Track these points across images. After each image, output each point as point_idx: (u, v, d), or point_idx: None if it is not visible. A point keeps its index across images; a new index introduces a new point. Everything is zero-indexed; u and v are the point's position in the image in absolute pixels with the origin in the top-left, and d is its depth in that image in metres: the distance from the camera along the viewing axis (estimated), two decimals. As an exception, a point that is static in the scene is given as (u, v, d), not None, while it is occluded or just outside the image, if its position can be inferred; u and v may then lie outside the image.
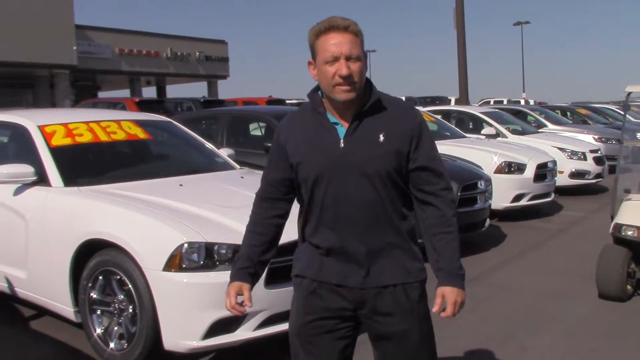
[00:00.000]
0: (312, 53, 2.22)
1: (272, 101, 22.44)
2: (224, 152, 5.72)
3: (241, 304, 2.36)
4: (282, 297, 3.81)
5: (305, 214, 2.32)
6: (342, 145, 2.20)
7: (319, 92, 2.28)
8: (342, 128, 2.22)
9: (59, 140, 4.76)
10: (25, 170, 4.48)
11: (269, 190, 2.39)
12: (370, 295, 2.25)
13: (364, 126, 2.21)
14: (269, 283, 3.75)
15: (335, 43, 2.14)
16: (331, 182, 2.21)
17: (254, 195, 2.43)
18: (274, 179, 2.37)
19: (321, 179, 2.22)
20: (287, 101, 23.25)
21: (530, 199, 9.01)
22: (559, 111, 18.68)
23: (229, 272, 3.67)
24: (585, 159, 11.20)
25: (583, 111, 19.73)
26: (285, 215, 2.43)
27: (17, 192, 4.56)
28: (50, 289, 4.33)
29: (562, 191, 10.81)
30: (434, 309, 2.23)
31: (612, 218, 5.50)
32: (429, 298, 2.36)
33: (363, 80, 2.19)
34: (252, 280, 2.38)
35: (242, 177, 5.03)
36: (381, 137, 2.19)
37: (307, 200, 2.28)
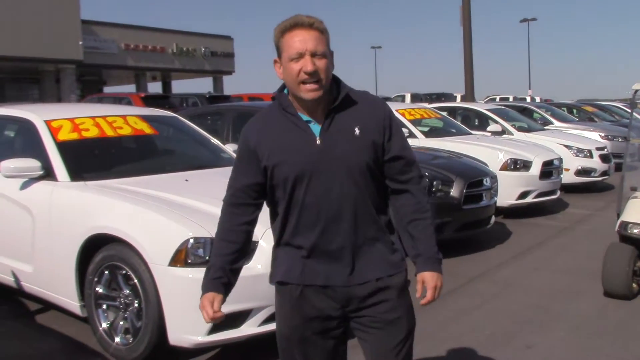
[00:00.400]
0: (277, 51, 2.21)
1: (277, 97, 22.39)
2: (230, 148, 5.72)
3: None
4: (287, 292, 3.82)
5: (283, 216, 2.26)
6: (318, 142, 2.18)
7: (286, 91, 2.25)
8: (316, 125, 2.20)
9: (66, 135, 4.77)
10: (32, 164, 4.49)
11: (239, 196, 2.30)
12: (356, 291, 2.24)
13: (338, 121, 2.20)
14: (274, 279, 3.75)
15: (300, 40, 2.12)
16: (312, 181, 2.18)
17: None
18: (244, 184, 2.29)
19: (302, 179, 2.18)
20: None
21: (536, 197, 8.99)
22: (565, 108, 18.60)
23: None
24: (591, 156, 11.16)
25: (589, 109, 19.65)
26: (254, 222, 2.35)
27: (24, 186, 4.58)
28: (56, 283, 4.35)
29: (568, 189, 10.78)
30: (417, 294, 2.25)
31: (619, 216, 5.48)
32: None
33: (329, 78, 2.18)
34: (225, 290, 2.30)
35: (247, 173, 5.04)
36: (357, 131, 2.20)
37: (286, 201, 2.23)
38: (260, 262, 3.75)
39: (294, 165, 2.18)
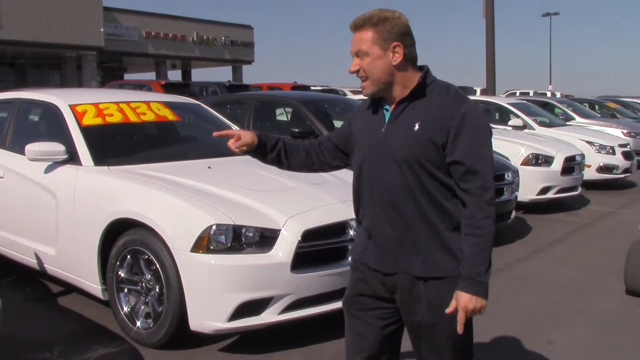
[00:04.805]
0: None
1: (296, 87, 22.37)
2: (251, 136, 5.71)
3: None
4: (308, 282, 3.83)
5: (355, 194, 2.40)
6: (383, 130, 2.27)
7: None
8: (389, 114, 2.30)
9: (90, 119, 4.79)
10: (57, 148, 4.52)
11: (323, 140, 2.56)
12: (400, 283, 2.27)
13: (406, 113, 2.24)
14: (295, 267, 3.76)
15: (351, 41, 2.26)
16: (371, 165, 2.29)
17: (283, 179, 2.43)
18: (330, 137, 2.55)
19: (364, 161, 2.31)
20: (312, 87, 23.18)
21: (557, 192, 8.90)
22: (587, 104, 18.41)
23: (256, 255, 3.74)
24: (613, 153, 11.04)
25: (612, 105, 19.42)
26: (312, 165, 2.57)
27: (48, 170, 4.61)
28: (79, 266, 4.38)
29: (589, 185, 10.67)
30: (447, 310, 2.18)
31: (643, 213, 5.41)
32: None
33: (378, 74, 2.23)
34: (259, 143, 2.46)
35: (269, 162, 5.04)
36: (416, 126, 2.19)
37: (355, 179, 2.37)
38: (281, 251, 3.75)
39: (362, 147, 2.33)
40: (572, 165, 9.11)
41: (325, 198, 4.19)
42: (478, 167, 2.17)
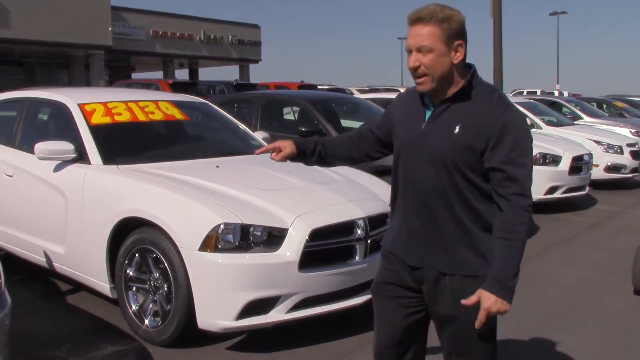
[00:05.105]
0: None
1: (304, 86, 22.38)
2: (259, 136, 5.73)
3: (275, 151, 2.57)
4: (315, 281, 3.84)
5: (393, 185, 2.44)
6: (422, 127, 2.27)
7: None
8: (430, 111, 2.30)
9: (99, 118, 4.81)
10: (66, 147, 4.54)
11: (363, 131, 2.58)
12: (426, 275, 2.32)
13: (447, 114, 2.24)
14: (302, 266, 3.77)
15: (411, 36, 2.22)
16: (407, 160, 2.32)
17: (291, 178, 2.46)
18: (371, 129, 2.56)
19: (401, 155, 2.35)
20: (319, 86, 23.18)
21: (565, 192, 8.88)
22: (594, 103, 18.34)
23: (264, 254, 3.75)
24: (621, 152, 11.00)
25: (620, 104, 19.34)
26: (353, 159, 2.63)
27: (57, 168, 4.64)
28: (88, 264, 4.41)
29: (597, 185, 10.63)
30: (464, 300, 2.19)
31: (651, 213, 5.39)
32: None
33: (440, 71, 2.20)
34: (298, 151, 2.54)
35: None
36: (457, 129, 2.19)
37: (393, 170, 2.41)
38: (289, 250, 3.76)
39: (400, 141, 2.37)
40: (579, 164, 9.08)
41: (333, 197, 4.20)
42: (517, 175, 2.16)
